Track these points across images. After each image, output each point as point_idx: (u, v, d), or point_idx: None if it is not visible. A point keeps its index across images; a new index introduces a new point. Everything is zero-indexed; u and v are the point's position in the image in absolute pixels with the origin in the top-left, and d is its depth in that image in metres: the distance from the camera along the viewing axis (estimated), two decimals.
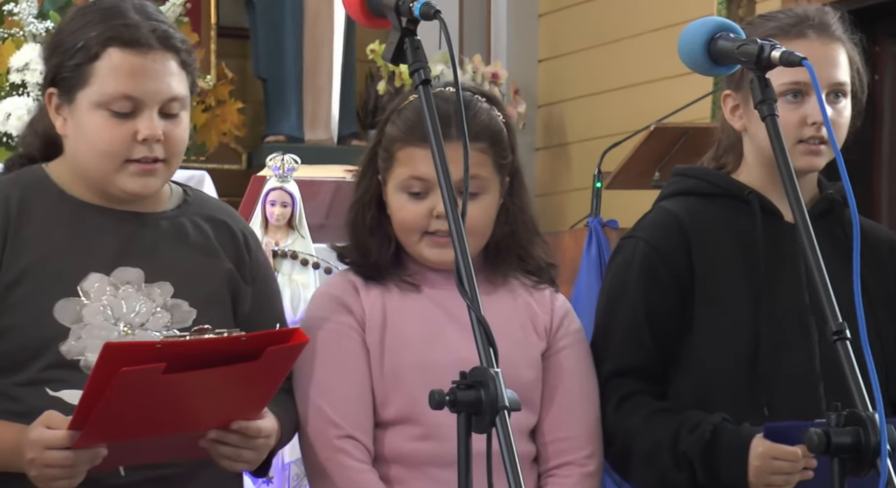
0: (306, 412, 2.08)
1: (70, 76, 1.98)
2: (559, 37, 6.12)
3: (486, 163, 2.11)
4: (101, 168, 1.99)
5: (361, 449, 2.06)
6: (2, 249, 1.97)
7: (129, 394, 1.76)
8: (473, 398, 1.62)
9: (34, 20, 4.87)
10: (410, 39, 1.76)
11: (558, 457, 2.12)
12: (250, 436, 1.90)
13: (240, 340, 1.81)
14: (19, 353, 1.95)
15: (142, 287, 1.99)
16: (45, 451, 1.82)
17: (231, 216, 2.14)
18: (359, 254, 2.14)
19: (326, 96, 5.86)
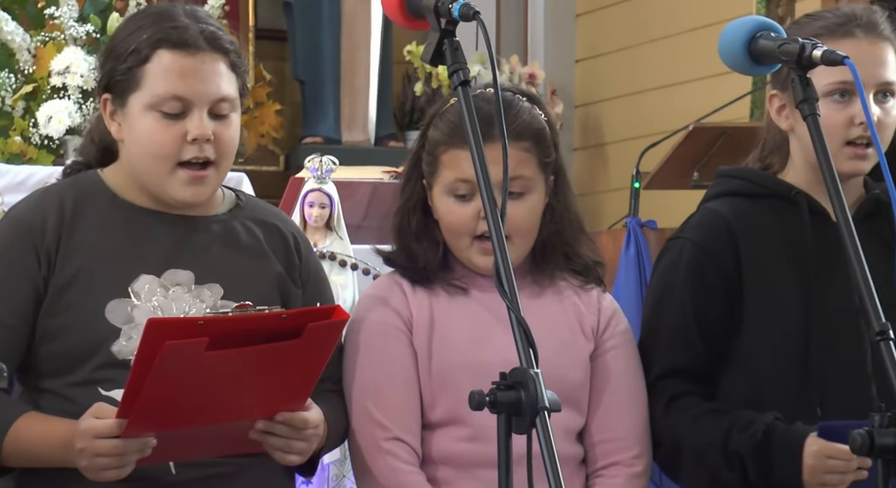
0: (354, 414, 2.09)
1: (122, 80, 2.01)
2: (597, 37, 6.10)
3: (530, 163, 2.12)
4: (154, 170, 2.01)
5: (409, 450, 2.07)
6: (56, 251, 2.00)
7: (173, 372, 1.77)
8: (513, 399, 1.62)
9: (75, 23, 4.90)
10: (449, 40, 1.77)
11: (606, 458, 2.13)
12: (298, 427, 1.91)
13: (281, 317, 1.82)
14: (72, 354, 1.98)
15: (192, 288, 2.02)
16: (94, 440, 1.84)
17: (282, 220, 2.16)
18: (406, 258, 2.14)
19: (364, 98, 5.88)
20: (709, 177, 2.36)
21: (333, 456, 3.27)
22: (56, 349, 1.99)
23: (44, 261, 1.99)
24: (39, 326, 1.99)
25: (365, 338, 2.10)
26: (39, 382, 2.01)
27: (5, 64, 4.84)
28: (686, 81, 5.48)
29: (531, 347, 1.64)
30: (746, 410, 2.12)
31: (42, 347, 2.00)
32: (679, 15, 5.56)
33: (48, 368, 2.00)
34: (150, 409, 1.81)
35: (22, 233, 2.01)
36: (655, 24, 5.71)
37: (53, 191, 2.07)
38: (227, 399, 1.85)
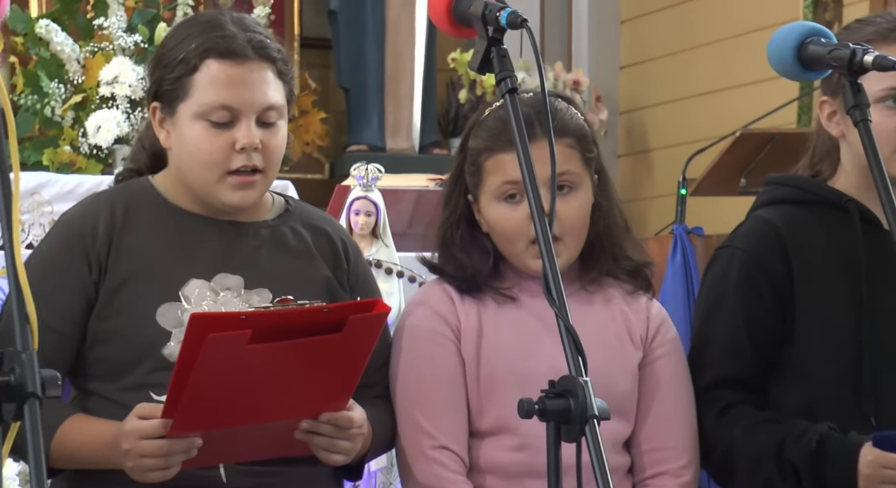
0: (401, 422, 2.09)
1: (171, 89, 2.03)
2: (641, 43, 6.09)
3: (574, 158, 2.11)
4: (203, 179, 2.03)
5: (456, 459, 2.06)
6: (107, 256, 2.01)
7: (217, 366, 1.77)
8: (562, 407, 1.61)
9: (123, 34, 4.95)
10: (497, 48, 1.77)
11: (654, 467, 2.12)
12: (342, 426, 1.92)
13: (322, 311, 1.82)
14: (123, 357, 2.00)
15: (241, 293, 2.03)
16: (139, 441, 1.85)
17: (331, 224, 2.17)
18: (454, 268, 2.14)
19: (408, 105, 5.89)
20: (756, 183, 2.35)
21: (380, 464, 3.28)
22: (107, 353, 2.01)
23: (94, 265, 2.01)
24: (91, 330, 2.01)
25: (412, 346, 2.09)
26: (91, 386, 2.02)
27: (55, 74, 4.89)
28: (732, 87, 5.45)
29: (580, 355, 1.63)
30: (800, 420, 2.10)
31: (93, 351, 2.01)
32: (725, 20, 5.54)
33: (99, 372, 2.01)
34: (194, 408, 1.81)
35: (73, 238, 2.02)
36: (701, 30, 5.69)
37: (104, 196, 2.09)
38: (270, 396, 1.85)
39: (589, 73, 6.05)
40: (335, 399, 1.90)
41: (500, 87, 1.76)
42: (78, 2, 5.04)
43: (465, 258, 2.13)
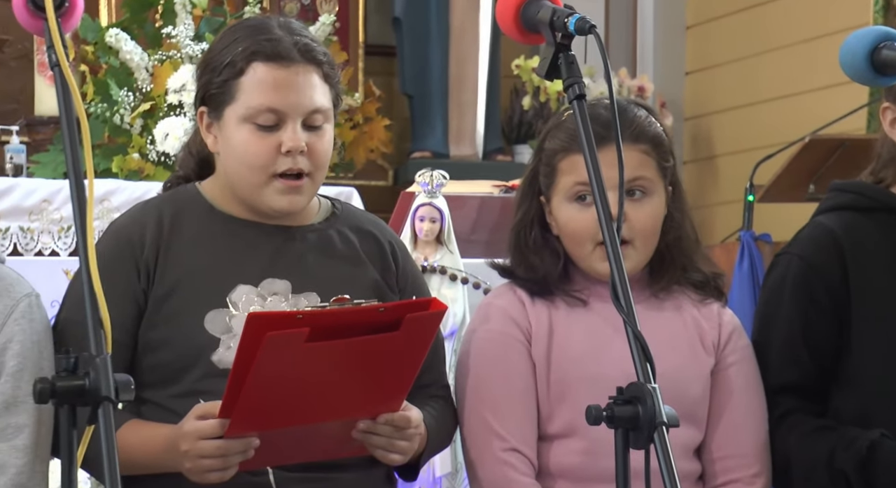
0: (470, 423, 2.09)
1: (218, 92, 2.03)
2: (707, 48, 6.05)
3: (649, 165, 2.11)
4: (250, 182, 2.03)
5: (526, 462, 2.06)
6: (155, 264, 2.02)
7: (274, 365, 1.78)
8: (630, 413, 1.61)
9: (190, 42, 5.00)
10: (565, 54, 1.76)
11: (725, 475, 2.10)
12: (400, 426, 1.92)
13: (378, 310, 1.82)
14: (173, 364, 2.00)
15: (289, 297, 2.03)
16: (198, 442, 1.86)
17: (378, 227, 2.16)
18: (525, 270, 2.14)
19: (471, 112, 5.90)
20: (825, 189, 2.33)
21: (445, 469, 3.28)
22: (157, 360, 2.01)
23: (143, 273, 2.02)
24: (141, 338, 2.02)
25: (483, 348, 2.10)
26: (142, 393, 2.03)
27: (124, 82, 4.95)
28: (801, 93, 5.40)
29: (648, 361, 1.63)
30: (853, 427, 2.08)
31: (144, 359, 2.02)
32: (793, 26, 5.49)
33: (150, 379, 2.02)
34: (251, 408, 1.82)
35: (122, 246, 2.03)
36: (768, 36, 5.64)
37: (152, 204, 2.10)
38: (326, 396, 1.85)
39: (654, 79, 6.02)
40: (390, 398, 1.91)
41: (568, 93, 1.76)
42: (147, 11, 5.10)
43: (537, 260, 2.13)
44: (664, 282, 2.15)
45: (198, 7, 5.04)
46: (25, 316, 1.95)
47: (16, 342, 1.93)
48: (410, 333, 1.83)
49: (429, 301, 1.87)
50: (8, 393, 1.91)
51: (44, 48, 5.00)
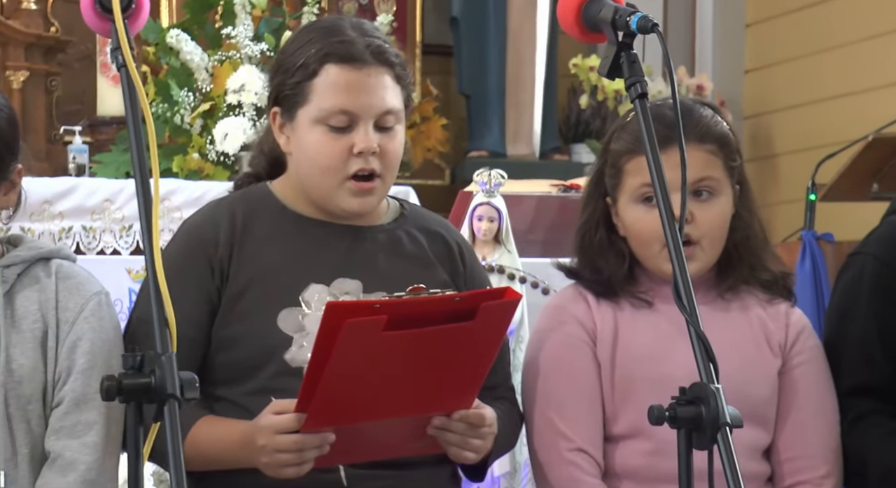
0: (536, 424, 2.10)
1: (291, 94, 2.05)
2: (767, 46, 6.00)
3: (716, 165, 2.10)
4: (323, 183, 2.04)
5: (592, 462, 2.07)
6: (228, 262, 2.04)
7: (352, 354, 1.79)
8: (693, 414, 1.60)
9: (250, 43, 5.03)
10: (627, 53, 1.77)
11: (793, 477, 2.09)
12: (475, 424, 1.93)
13: (454, 299, 1.83)
14: (246, 362, 2.02)
15: (360, 297, 2.04)
16: (274, 436, 1.87)
17: (446, 228, 2.18)
18: (591, 271, 2.14)
19: (529, 111, 5.89)
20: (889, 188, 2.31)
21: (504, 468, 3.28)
22: (231, 358, 2.03)
23: (217, 272, 2.03)
24: (214, 336, 2.04)
25: (548, 349, 2.10)
26: (215, 391, 2.05)
27: (184, 83, 5.00)
28: (864, 91, 5.34)
29: (711, 361, 1.62)
30: None
31: (217, 357, 2.04)
32: (855, 23, 5.43)
33: (223, 377, 2.04)
34: (327, 402, 1.83)
35: (195, 245, 2.05)
36: (831, 33, 5.58)
37: (225, 203, 2.11)
38: (401, 389, 1.86)
39: (713, 77, 5.98)
40: (463, 394, 1.91)
41: (629, 92, 1.76)
42: (207, 11, 5.14)
43: (602, 261, 2.13)
44: (731, 281, 2.14)
45: (257, 7, 5.08)
46: (95, 314, 1.98)
47: (86, 340, 1.96)
48: (486, 322, 1.84)
49: (503, 289, 1.88)
50: (78, 390, 1.94)
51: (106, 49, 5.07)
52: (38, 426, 1.94)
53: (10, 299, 1.96)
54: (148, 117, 1.63)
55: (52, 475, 1.92)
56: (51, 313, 1.97)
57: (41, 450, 1.94)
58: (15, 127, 1.97)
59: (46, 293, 1.98)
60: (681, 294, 1.65)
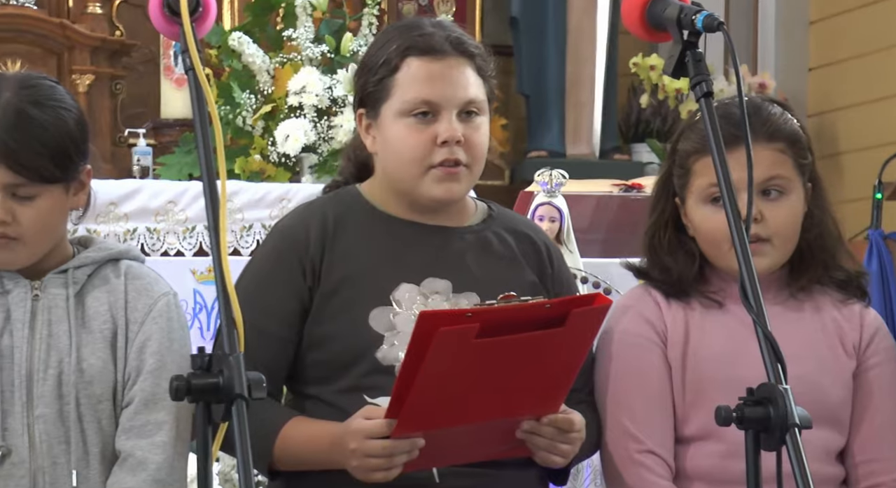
0: (607, 426, 2.09)
1: (374, 91, 2.06)
2: (831, 44, 5.93)
3: (786, 163, 2.09)
4: (408, 175, 2.05)
5: (662, 464, 2.06)
6: (320, 263, 2.05)
7: (444, 361, 1.80)
8: (761, 415, 1.59)
9: (311, 44, 5.06)
10: (692, 52, 1.76)
11: (868, 480, 2.07)
12: (563, 429, 1.93)
13: (545, 306, 1.84)
14: (338, 361, 2.03)
15: (449, 297, 2.05)
16: (365, 441, 1.89)
17: (534, 229, 2.19)
18: (660, 271, 2.13)
19: (588, 111, 5.87)
20: None
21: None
22: (322, 356, 2.04)
23: (309, 272, 2.05)
24: (306, 335, 2.05)
25: (618, 350, 2.09)
26: (306, 389, 2.07)
27: (246, 85, 5.04)
28: None
29: (779, 361, 1.61)
30: None
31: (309, 355, 2.05)
32: None
33: (315, 375, 2.06)
34: (418, 407, 1.84)
35: (287, 246, 2.07)
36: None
37: (316, 205, 2.13)
38: (490, 395, 1.87)
39: (775, 75, 5.93)
40: (551, 398, 1.92)
41: (695, 91, 1.75)
42: (268, 14, 5.18)
43: (671, 261, 2.12)
44: (804, 281, 2.11)
45: (318, 9, 5.10)
46: (163, 314, 2.00)
47: (154, 340, 1.98)
48: (575, 328, 1.85)
49: (593, 296, 1.88)
50: (147, 390, 1.96)
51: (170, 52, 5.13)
52: (108, 425, 1.96)
53: (81, 300, 1.98)
54: (215, 119, 1.64)
55: (123, 474, 1.94)
56: (120, 313, 1.99)
57: (112, 450, 1.96)
58: (84, 128, 2.00)
59: (116, 294, 2.00)
60: (747, 293, 1.64)
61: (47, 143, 1.92)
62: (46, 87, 1.97)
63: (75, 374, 1.94)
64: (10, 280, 1.97)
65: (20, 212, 1.93)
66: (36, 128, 1.91)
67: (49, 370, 1.94)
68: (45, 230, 1.96)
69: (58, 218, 1.97)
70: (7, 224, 1.92)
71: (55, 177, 1.93)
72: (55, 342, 1.95)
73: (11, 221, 1.92)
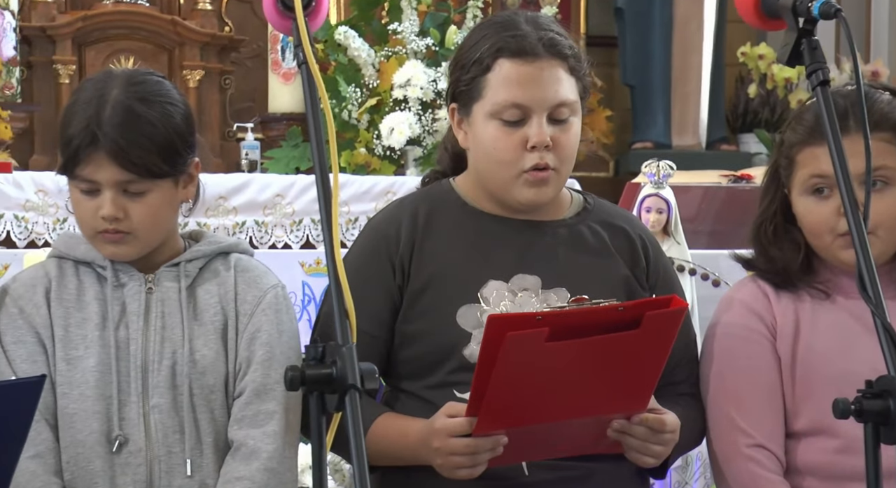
0: (714, 418, 2.07)
1: (466, 89, 2.06)
2: None
3: (891, 153, 2.04)
4: (499, 177, 2.05)
5: (772, 458, 2.03)
6: (410, 260, 2.06)
7: (516, 365, 1.80)
8: (880, 407, 1.56)
9: (415, 38, 5.08)
10: (808, 40, 1.73)
11: None
12: (655, 429, 1.92)
13: (618, 310, 1.82)
14: (428, 358, 2.04)
15: (539, 293, 2.04)
16: (448, 439, 1.89)
17: (630, 222, 2.16)
18: (765, 262, 2.10)
19: (695, 102, 5.82)
20: None
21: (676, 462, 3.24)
22: (413, 353, 2.05)
23: (398, 270, 2.06)
24: (398, 332, 2.06)
25: (726, 342, 2.07)
26: (400, 384, 2.09)
27: (352, 79, 5.07)
28: None
29: None
30: None
31: (401, 352, 2.07)
32: None
33: (407, 371, 2.07)
34: (496, 406, 1.84)
35: (378, 243, 2.08)
36: None
37: (408, 201, 2.14)
38: (569, 394, 1.86)
39: (889, 63, 5.81)
40: (635, 397, 1.90)
41: (811, 80, 1.72)
42: (374, 8, 5.21)
43: (776, 252, 2.08)
44: None
45: (422, 3, 5.12)
46: (272, 306, 2.02)
47: (263, 332, 2.00)
48: (650, 331, 1.82)
49: (669, 298, 1.86)
50: (258, 381, 1.99)
51: (277, 47, 5.19)
52: (221, 416, 1.99)
53: (192, 292, 2.01)
54: (328, 112, 1.66)
55: (236, 463, 1.96)
56: (230, 306, 2.02)
57: (224, 439, 1.99)
58: (190, 122, 2.03)
59: (226, 286, 2.03)
60: (865, 285, 1.61)
61: (156, 140, 1.95)
62: (153, 83, 2.00)
63: (188, 365, 1.97)
64: (125, 273, 2.01)
65: (132, 208, 1.96)
66: (144, 125, 1.94)
67: (163, 361, 1.97)
68: (157, 224, 1.99)
69: (168, 211, 2.00)
70: (119, 220, 1.96)
71: (164, 173, 1.96)
72: (169, 334, 1.98)
73: (124, 217, 1.96)
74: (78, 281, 2.01)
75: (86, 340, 1.97)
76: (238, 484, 1.94)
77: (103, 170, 1.94)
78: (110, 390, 1.95)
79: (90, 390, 1.95)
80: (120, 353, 1.96)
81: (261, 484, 1.94)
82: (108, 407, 1.95)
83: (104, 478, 1.95)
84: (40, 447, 1.93)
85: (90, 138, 1.93)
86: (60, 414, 1.95)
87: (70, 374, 1.96)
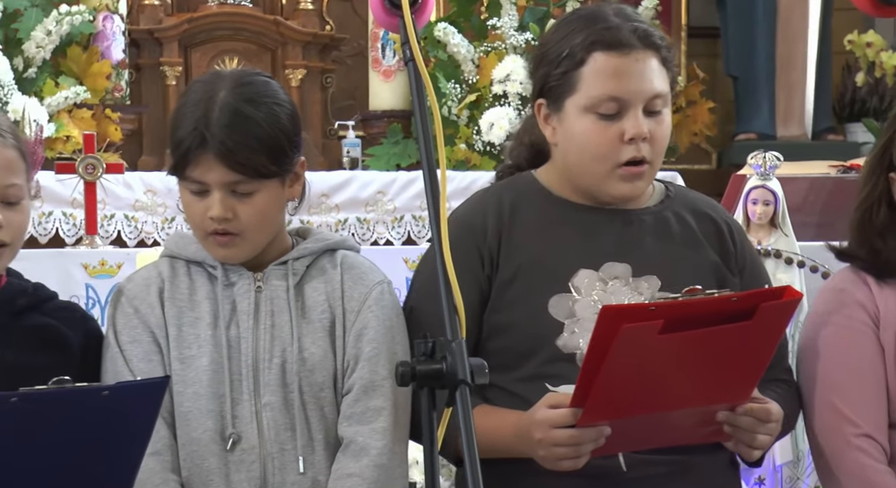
0: (818, 409, 2.04)
1: (557, 84, 2.04)
2: None
3: None
4: (594, 172, 2.03)
5: (879, 448, 2.01)
6: (497, 250, 2.05)
7: (628, 356, 1.79)
8: None
9: (515, 33, 5.07)
10: None
11: None
12: (761, 419, 1.90)
13: (731, 300, 1.80)
14: (518, 349, 2.03)
15: (629, 281, 2.02)
16: (551, 431, 1.88)
17: (713, 207, 2.14)
18: (868, 252, 2.06)
19: (800, 91, 5.72)
20: None
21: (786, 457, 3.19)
22: (502, 344, 2.04)
23: (487, 260, 2.05)
24: (486, 323, 2.05)
25: (830, 334, 2.04)
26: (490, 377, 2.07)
27: (451, 75, 5.08)
28: None
29: None
30: None
31: (489, 343, 2.05)
32: None
33: (495, 363, 2.02)
34: (604, 397, 1.83)
35: (464, 234, 2.07)
36: None
37: (491, 192, 2.13)
38: (677, 385, 1.84)
39: None
40: (741, 388, 1.88)
41: None
42: (473, 4, 5.21)
43: (880, 242, 2.04)
44: None
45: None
46: (378, 302, 2.03)
47: (370, 328, 2.01)
48: (764, 322, 1.80)
49: (783, 289, 1.83)
50: (366, 377, 1.99)
51: (378, 45, 5.21)
52: (330, 413, 2.00)
53: (300, 290, 2.02)
54: (435, 109, 1.66)
55: (347, 460, 1.97)
56: (337, 303, 2.03)
57: (335, 436, 2.00)
58: (296, 122, 2.04)
59: (332, 283, 2.03)
60: None
61: (263, 140, 1.96)
62: (260, 84, 2.01)
63: (298, 363, 1.98)
64: (235, 272, 2.02)
65: (240, 209, 1.97)
66: (252, 125, 1.95)
67: (274, 359, 1.98)
68: (265, 224, 2.01)
69: (276, 211, 2.02)
70: (228, 220, 1.97)
71: (272, 173, 1.97)
72: (278, 332, 1.99)
73: (233, 218, 1.97)
74: (190, 280, 2.03)
75: (199, 339, 1.99)
76: (349, 480, 1.95)
77: (212, 172, 1.95)
78: (223, 389, 1.97)
79: (204, 389, 1.97)
80: (231, 352, 1.98)
81: (371, 480, 1.94)
82: (221, 405, 1.97)
83: (219, 476, 1.97)
84: (158, 444, 1.95)
85: (199, 140, 1.95)
86: (176, 412, 1.98)
87: (184, 373, 1.98)
